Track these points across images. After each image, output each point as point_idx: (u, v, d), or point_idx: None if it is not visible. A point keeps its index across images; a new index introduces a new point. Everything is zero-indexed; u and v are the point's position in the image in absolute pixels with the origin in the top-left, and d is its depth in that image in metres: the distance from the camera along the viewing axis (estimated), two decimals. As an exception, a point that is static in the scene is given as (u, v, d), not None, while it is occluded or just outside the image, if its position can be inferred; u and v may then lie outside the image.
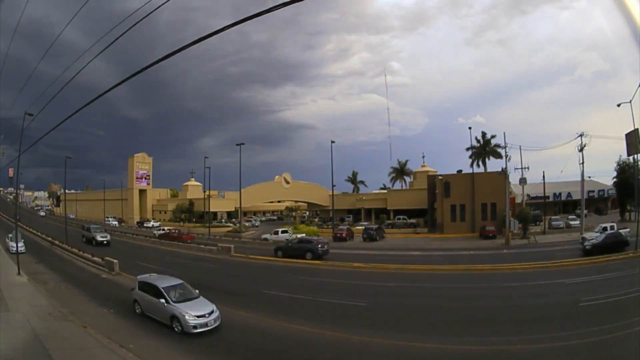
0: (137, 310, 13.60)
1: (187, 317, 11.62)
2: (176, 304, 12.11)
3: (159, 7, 8.90)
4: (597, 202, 57.00)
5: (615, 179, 45.19)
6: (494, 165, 53.16)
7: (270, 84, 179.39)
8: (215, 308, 12.31)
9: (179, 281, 13.52)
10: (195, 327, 11.55)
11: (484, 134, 55.00)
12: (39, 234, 42.76)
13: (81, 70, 13.20)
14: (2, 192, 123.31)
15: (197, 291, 13.22)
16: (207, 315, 11.85)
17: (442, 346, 10.71)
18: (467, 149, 53.27)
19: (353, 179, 77.36)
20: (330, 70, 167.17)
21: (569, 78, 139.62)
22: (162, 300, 12.33)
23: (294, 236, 37.29)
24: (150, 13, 9.07)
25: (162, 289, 12.59)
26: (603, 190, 58.22)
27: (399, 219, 55.19)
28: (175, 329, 11.80)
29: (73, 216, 73.28)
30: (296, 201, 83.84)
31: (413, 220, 52.36)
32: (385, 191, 68.29)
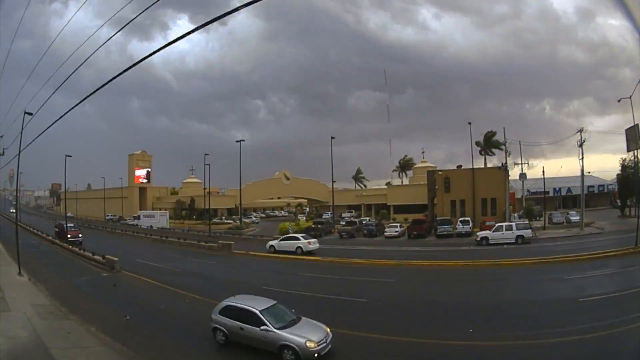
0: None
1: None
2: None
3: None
4: (597, 198, 56.90)
5: (616, 175, 45.42)
6: (494, 161, 53.02)
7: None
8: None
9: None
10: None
11: (487, 134, 54.75)
12: (39, 233, 42.78)
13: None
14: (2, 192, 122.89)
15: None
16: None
17: (443, 342, 10.72)
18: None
19: (355, 175, 77.24)
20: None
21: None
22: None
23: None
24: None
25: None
26: (603, 185, 58.15)
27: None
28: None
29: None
30: (296, 197, 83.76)
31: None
32: (386, 187, 68.41)
